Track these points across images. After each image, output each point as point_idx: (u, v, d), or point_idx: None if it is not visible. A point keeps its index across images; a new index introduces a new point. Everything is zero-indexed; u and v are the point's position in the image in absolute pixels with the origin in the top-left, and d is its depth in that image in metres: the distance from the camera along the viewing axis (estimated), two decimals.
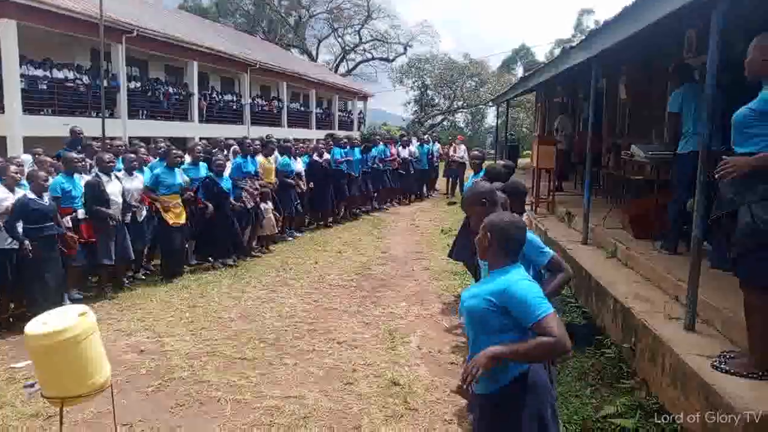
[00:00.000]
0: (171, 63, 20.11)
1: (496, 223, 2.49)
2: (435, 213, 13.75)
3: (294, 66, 28.68)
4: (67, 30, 14.50)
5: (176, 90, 19.21)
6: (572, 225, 8.57)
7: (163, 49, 18.14)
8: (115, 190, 6.76)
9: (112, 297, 6.75)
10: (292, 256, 9.04)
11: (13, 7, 12.83)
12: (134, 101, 17.02)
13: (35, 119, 13.71)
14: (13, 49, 13.01)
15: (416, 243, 10.19)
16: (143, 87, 17.64)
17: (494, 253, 2.48)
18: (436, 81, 44.05)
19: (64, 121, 13.94)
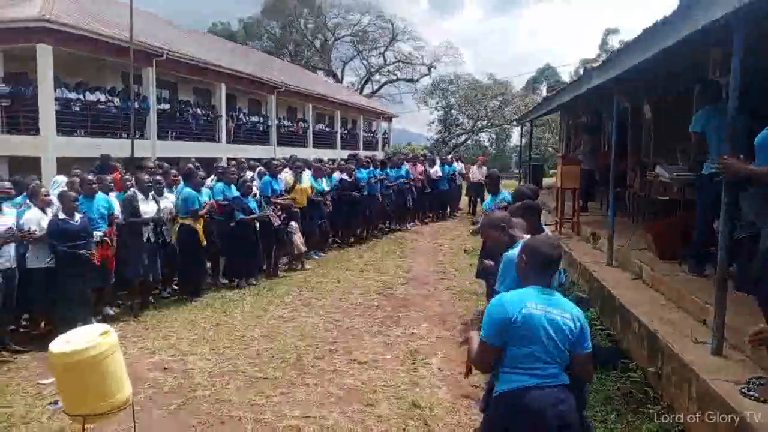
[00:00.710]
0: (199, 85, 20.57)
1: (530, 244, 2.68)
2: (458, 233, 13.68)
3: (319, 88, 29.08)
4: (99, 54, 14.96)
5: (204, 111, 19.60)
6: (597, 245, 8.44)
7: (192, 72, 18.58)
8: (150, 209, 6.90)
9: (138, 315, 6.84)
10: (314, 275, 9.08)
11: (50, 32, 13.29)
12: (163, 122, 17.40)
13: (68, 140, 14.09)
14: (48, 72, 13.45)
15: (439, 263, 10.14)
16: (172, 109, 18.04)
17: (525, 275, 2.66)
18: (461, 101, 44.19)
19: (96, 143, 14.34)
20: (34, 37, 13.29)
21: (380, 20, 46.24)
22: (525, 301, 2.55)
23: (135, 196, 6.81)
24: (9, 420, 4.30)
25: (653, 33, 4.72)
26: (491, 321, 2.53)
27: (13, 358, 5.53)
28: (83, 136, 14.73)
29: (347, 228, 11.72)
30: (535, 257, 2.61)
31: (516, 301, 2.55)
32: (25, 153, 13.67)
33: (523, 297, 2.57)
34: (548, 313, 2.54)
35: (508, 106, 43.58)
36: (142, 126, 16.43)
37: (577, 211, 10.04)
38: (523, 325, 2.50)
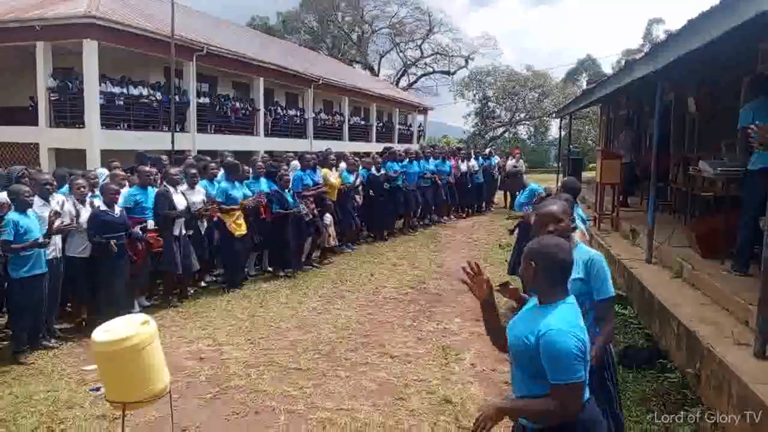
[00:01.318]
0: (239, 79, 20.87)
1: (540, 250, 2.32)
2: (493, 227, 13.56)
3: (356, 81, 29.15)
4: (142, 49, 15.32)
5: (243, 105, 19.90)
6: (636, 242, 8.25)
7: (231, 66, 18.86)
8: (181, 201, 7.05)
9: (176, 305, 7.02)
10: (348, 268, 9.14)
11: (96, 28, 13.68)
12: (203, 116, 17.74)
13: (112, 133, 14.50)
14: (94, 67, 13.86)
15: (473, 257, 10.06)
16: (212, 102, 18.36)
17: (541, 284, 2.32)
18: (498, 93, 43.67)
19: (138, 136, 14.74)
20: (81, 33, 13.70)
21: (417, 12, 46.03)
22: (578, 319, 2.27)
23: (168, 189, 6.95)
24: (55, 404, 4.47)
25: (699, 23, 4.57)
26: (575, 358, 2.13)
27: (59, 344, 5.74)
28: (126, 129, 15.14)
29: (380, 221, 11.74)
30: (551, 266, 2.30)
31: (577, 325, 2.23)
32: (71, 146, 14.15)
33: (575, 317, 2.27)
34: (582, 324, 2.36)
35: (547, 98, 42.88)
36: (183, 119, 16.79)
37: (617, 206, 9.83)
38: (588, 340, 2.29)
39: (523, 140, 45.73)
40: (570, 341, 2.13)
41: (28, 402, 4.52)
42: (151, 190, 6.94)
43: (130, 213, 6.52)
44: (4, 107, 15.81)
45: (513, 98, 43.55)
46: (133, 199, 6.68)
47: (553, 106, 39.82)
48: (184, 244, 7.03)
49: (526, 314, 2.41)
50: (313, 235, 9.14)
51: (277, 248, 8.52)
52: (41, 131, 14.40)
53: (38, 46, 14.06)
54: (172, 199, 6.89)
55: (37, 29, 13.92)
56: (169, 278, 7.08)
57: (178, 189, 7.11)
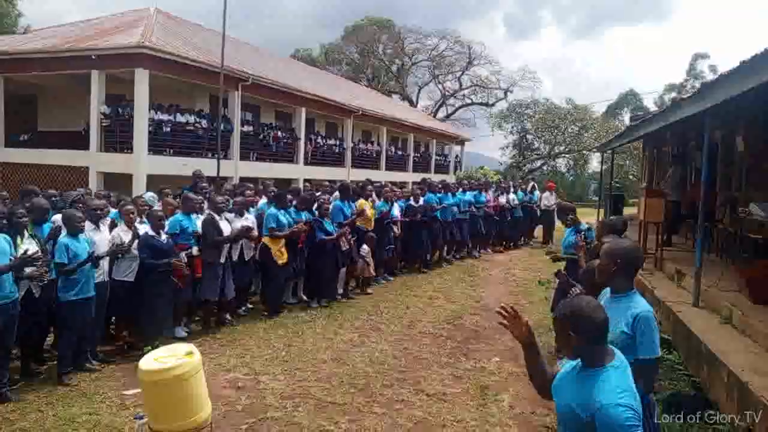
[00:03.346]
0: (281, 109, 21.34)
1: (574, 314, 2.27)
2: (532, 262, 13.38)
3: (394, 111, 29.47)
4: (190, 78, 15.86)
5: (284, 134, 20.30)
6: (682, 284, 8.02)
7: (274, 96, 19.32)
8: (225, 229, 7.20)
9: (214, 332, 7.11)
10: (383, 300, 9.13)
11: (147, 58, 14.24)
12: (246, 144, 18.15)
13: (158, 159, 14.95)
14: (144, 95, 14.39)
15: (511, 293, 9.95)
16: (255, 131, 18.80)
17: (584, 349, 2.27)
18: (537, 125, 43.46)
19: (183, 162, 15.13)
20: (133, 62, 14.27)
21: (457, 45, 46.47)
22: (631, 386, 2.21)
23: (214, 216, 7.11)
24: (96, 428, 4.56)
25: (752, 65, 4.50)
26: (638, 423, 2.10)
27: (101, 367, 5.87)
28: (172, 155, 15.59)
29: (416, 253, 11.72)
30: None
31: (632, 393, 2.18)
32: (119, 170, 14.63)
33: (626, 381, 2.21)
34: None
35: (587, 131, 42.45)
36: (226, 146, 17.20)
37: (661, 245, 9.60)
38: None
39: (561, 173, 45.29)
40: (626, 415, 2.08)
41: (71, 424, 4.62)
42: (195, 217, 7.11)
43: (176, 240, 6.68)
44: (60, 131, 16.50)
45: (552, 131, 43.26)
46: (178, 225, 6.86)
47: (593, 140, 39.38)
48: (225, 272, 7.15)
49: (571, 376, 2.34)
50: (348, 265, 9.18)
51: (313, 277, 8.59)
52: (91, 155, 14.96)
53: (93, 74, 14.70)
54: (219, 226, 7.04)
55: (92, 58, 14.59)
56: (208, 305, 7.19)
57: (222, 216, 7.26)
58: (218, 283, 7.00)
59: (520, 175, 39.82)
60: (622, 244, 3.15)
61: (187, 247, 6.80)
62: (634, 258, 3.07)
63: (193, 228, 6.93)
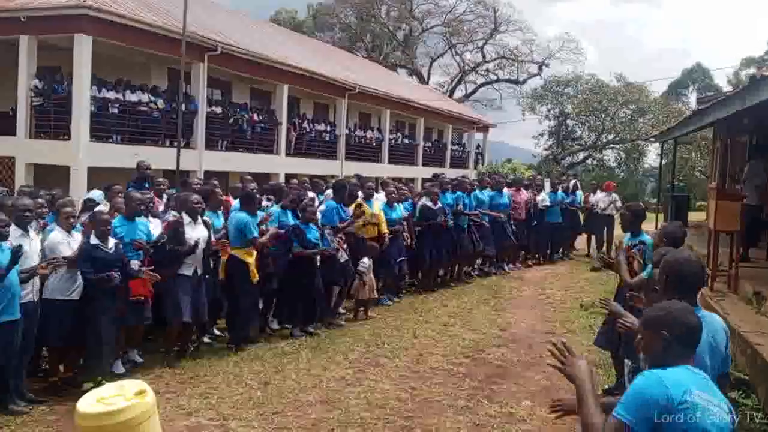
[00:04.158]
0: (257, 86, 21.44)
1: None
2: (573, 281, 13.38)
3: (400, 90, 29.59)
4: (144, 47, 15.91)
5: (262, 117, 20.38)
6: (762, 310, 8.00)
7: (249, 70, 19.41)
8: (197, 236, 7.20)
9: (173, 365, 7.11)
10: (386, 326, 9.13)
11: (89, 21, 14.23)
12: (214, 129, 18.21)
13: (102, 148, 14.98)
14: (86, 68, 14.36)
15: (546, 320, 9.94)
16: (224, 113, 18.86)
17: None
18: (580, 108, 43.63)
19: (133, 151, 15.12)
20: (72, 26, 14.29)
21: (480, 7, 46.67)
22: (688, 384, 2.46)
23: (182, 220, 7.12)
24: None
25: None
26: (643, 402, 2.42)
27: (29, 409, 5.87)
28: (119, 142, 15.63)
29: (428, 268, 11.72)
30: (682, 324, 2.60)
31: (677, 382, 2.44)
32: (53, 161, 14.63)
33: (683, 378, 2.47)
34: (711, 405, 2.45)
35: (642, 116, 42.57)
36: (189, 133, 17.22)
37: (736, 261, 9.57)
38: (686, 417, 2.39)
39: (610, 168, 45.37)
40: (652, 386, 2.43)
41: None
42: (141, 222, 7.10)
43: None
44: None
45: (599, 115, 43.40)
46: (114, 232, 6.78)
47: (650, 127, 39.52)
48: (198, 288, 7.17)
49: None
50: (342, 282, 9.19)
51: (296, 298, 8.58)
52: (19, 143, 14.96)
53: (21, 41, 14.66)
54: (183, 231, 7.05)
55: (21, 21, 14.54)
56: (172, 329, 7.20)
57: (198, 219, 7.28)
58: (185, 302, 7.00)
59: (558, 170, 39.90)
60: (675, 256, 3.29)
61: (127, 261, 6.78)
62: (688, 273, 3.22)
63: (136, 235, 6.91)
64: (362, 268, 9.44)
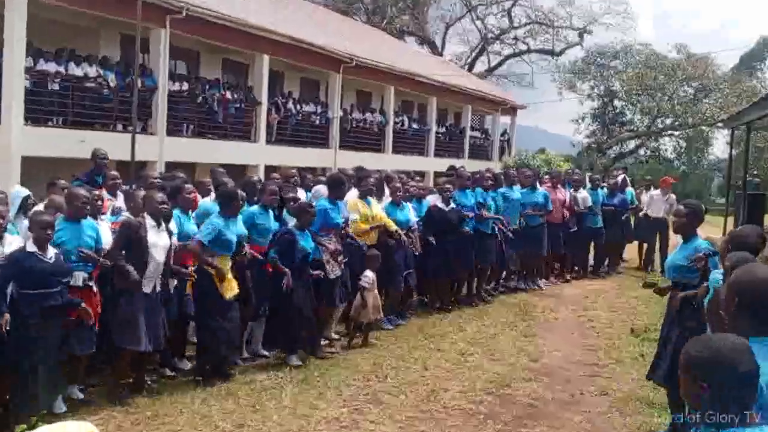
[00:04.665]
0: (232, 56, 21.44)
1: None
2: (621, 299, 13.38)
3: (408, 62, 29.53)
4: (92, 8, 15.91)
5: (237, 95, 20.39)
6: None
7: (221, 37, 19.41)
8: (161, 245, 7.20)
9: (127, 402, 7.09)
10: (389, 355, 9.11)
11: None
12: (177, 110, 18.23)
13: (40, 132, 15.01)
14: (18, 34, 14.32)
15: (588, 348, 9.93)
16: (191, 90, 18.87)
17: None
18: (630, 86, 43.61)
19: (79, 136, 15.13)
20: None
21: None
22: None
23: (142, 223, 7.09)
24: None
25: None
26: None
27: None
28: (61, 126, 15.64)
29: (441, 283, 11.70)
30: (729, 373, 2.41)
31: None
32: None
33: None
34: None
35: (707, 96, 42.56)
36: (147, 115, 17.23)
37: None
38: None
39: (668, 160, 45.37)
40: None
41: None
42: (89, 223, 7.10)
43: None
44: None
45: (653, 95, 43.40)
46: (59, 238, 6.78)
47: (717, 110, 39.52)
48: (154, 308, 7.17)
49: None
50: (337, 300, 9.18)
51: (279, 320, 8.58)
52: None
53: None
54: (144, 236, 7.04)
55: None
56: (123, 359, 7.20)
57: (162, 225, 7.27)
58: (138, 326, 7.00)
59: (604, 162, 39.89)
60: (752, 270, 3.15)
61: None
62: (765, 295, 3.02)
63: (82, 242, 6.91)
64: (365, 283, 9.41)
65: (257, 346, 8.87)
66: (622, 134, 45.42)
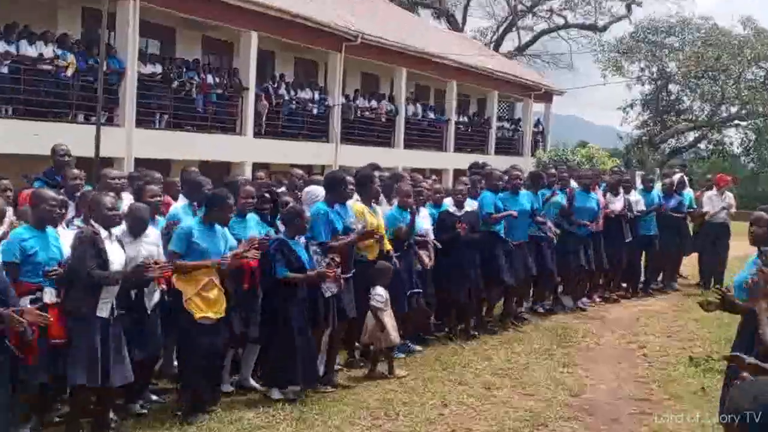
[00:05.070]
0: (214, 34, 21.48)
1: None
2: (678, 322, 13.35)
3: (422, 40, 29.49)
4: None
5: (220, 80, 20.40)
6: None
7: (201, 10, 19.44)
8: (117, 257, 7.19)
9: None
10: (400, 388, 9.10)
11: None
12: (149, 97, 18.24)
13: None
14: None
15: (638, 380, 9.92)
16: (165, 74, 18.89)
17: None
18: (688, 68, 43.47)
19: (32, 129, 15.17)
20: None
21: None
22: None
23: (98, 235, 7.08)
24: None
25: None
26: None
27: None
28: (11, 117, 15.66)
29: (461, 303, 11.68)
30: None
31: None
32: None
33: None
34: None
35: None
36: (113, 103, 17.23)
37: None
38: None
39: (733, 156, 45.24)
40: None
41: None
42: (52, 231, 7.12)
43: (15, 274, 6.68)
44: None
45: (716, 78, 43.28)
46: (17, 248, 6.79)
47: None
48: (114, 335, 7.16)
49: None
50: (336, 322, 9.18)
51: (270, 347, 8.58)
52: None
53: None
54: (104, 248, 7.04)
55: None
56: (79, 395, 7.19)
57: (113, 233, 7.26)
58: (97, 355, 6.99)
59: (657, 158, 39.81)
60: None
61: (36, 288, 6.80)
62: None
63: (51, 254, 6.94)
64: (377, 302, 9.38)
65: (247, 376, 8.87)
66: (678, 125, 45.27)
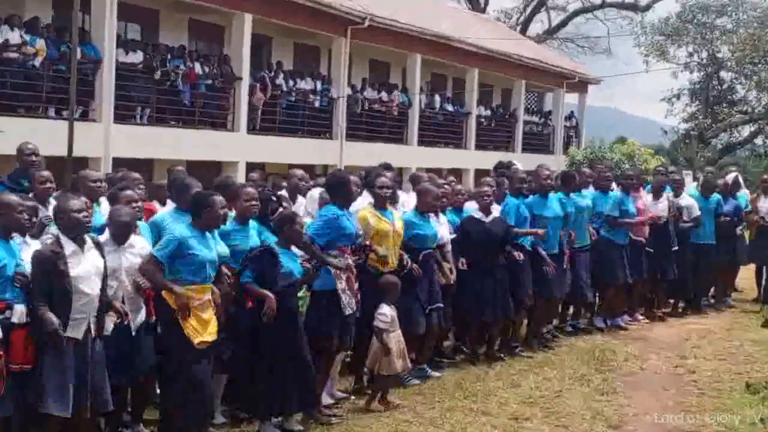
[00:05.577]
0: (202, 17, 21.53)
1: None
2: (733, 343, 13.33)
3: (439, 22, 29.53)
4: None
5: (210, 69, 20.43)
6: None
7: None
8: (89, 270, 7.20)
9: None
10: (416, 419, 9.10)
11: None
12: (129, 89, 18.30)
13: None
14: None
15: (687, 409, 9.90)
16: (147, 62, 18.93)
17: None
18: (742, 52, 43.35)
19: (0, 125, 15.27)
20: None
21: None
22: None
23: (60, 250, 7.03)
24: None
25: None
26: None
27: None
28: None
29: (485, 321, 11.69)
30: None
31: None
32: None
33: None
34: None
35: None
36: (88, 96, 17.29)
37: None
38: None
39: None
40: None
41: None
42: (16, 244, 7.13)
43: None
44: None
45: None
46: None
47: None
48: (93, 358, 7.19)
49: None
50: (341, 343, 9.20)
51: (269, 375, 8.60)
52: None
53: None
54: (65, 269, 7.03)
55: None
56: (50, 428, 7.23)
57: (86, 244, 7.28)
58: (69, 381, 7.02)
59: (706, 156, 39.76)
60: None
61: (3, 307, 6.83)
62: None
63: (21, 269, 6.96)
64: (382, 323, 9.37)
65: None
66: (731, 117, 45.14)
